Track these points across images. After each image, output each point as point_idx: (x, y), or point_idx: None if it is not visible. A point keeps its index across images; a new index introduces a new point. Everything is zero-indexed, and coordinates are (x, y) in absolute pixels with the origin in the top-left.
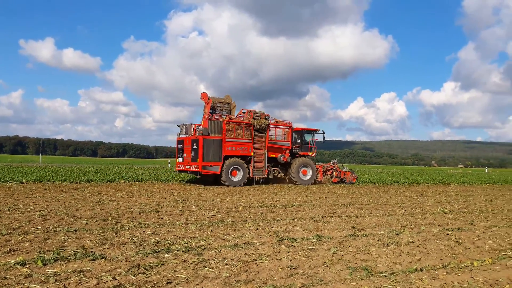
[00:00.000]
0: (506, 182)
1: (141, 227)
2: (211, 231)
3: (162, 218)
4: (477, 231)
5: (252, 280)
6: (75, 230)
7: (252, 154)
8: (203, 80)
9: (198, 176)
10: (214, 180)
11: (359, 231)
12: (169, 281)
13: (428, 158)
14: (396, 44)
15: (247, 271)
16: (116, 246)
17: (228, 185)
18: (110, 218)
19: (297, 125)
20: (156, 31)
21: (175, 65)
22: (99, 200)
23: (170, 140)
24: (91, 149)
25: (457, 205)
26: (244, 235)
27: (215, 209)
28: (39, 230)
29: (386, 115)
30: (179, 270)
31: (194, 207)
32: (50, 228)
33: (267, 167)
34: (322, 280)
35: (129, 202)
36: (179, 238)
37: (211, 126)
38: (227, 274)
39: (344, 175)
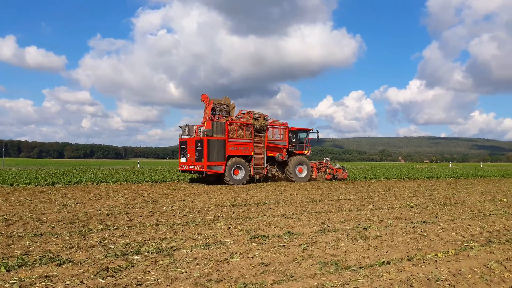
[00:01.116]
0: (468, 176)
1: (110, 229)
2: (182, 231)
3: (131, 220)
4: (441, 224)
5: (224, 279)
6: (41, 235)
7: (252, 154)
8: (172, 78)
9: (203, 176)
10: (217, 179)
11: (329, 226)
12: (139, 283)
13: (395, 154)
14: (364, 43)
15: (218, 270)
16: (84, 250)
17: (232, 184)
18: (77, 221)
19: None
20: (123, 29)
21: (143, 64)
22: (66, 203)
23: (139, 140)
24: (57, 150)
25: (422, 199)
26: (216, 235)
27: (186, 209)
28: (2, 235)
29: (354, 112)
30: (149, 271)
31: (164, 207)
32: (14, 233)
33: (266, 166)
34: (293, 276)
35: (97, 204)
36: (149, 239)
37: (214, 127)
38: (198, 274)
39: (336, 172)
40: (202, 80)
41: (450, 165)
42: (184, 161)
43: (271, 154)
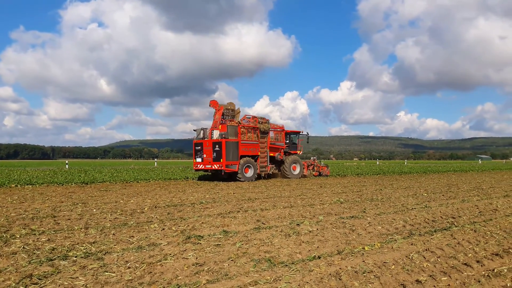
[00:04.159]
0: (393, 172)
1: (35, 234)
2: (113, 234)
3: (58, 224)
4: (368, 218)
5: (156, 281)
6: None
7: (258, 154)
8: (104, 75)
9: (222, 174)
10: (229, 177)
11: (264, 223)
12: None
13: (327, 153)
14: (299, 44)
15: (151, 272)
16: (5, 257)
17: (243, 181)
18: None
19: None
20: (49, 21)
21: (72, 58)
22: None
23: (68, 139)
24: None
25: (351, 195)
26: (149, 236)
27: (118, 211)
28: None
29: (289, 112)
30: (77, 277)
31: (94, 210)
32: None
33: (269, 164)
34: (227, 275)
35: (21, 207)
36: (78, 243)
37: (229, 130)
38: (130, 277)
39: (322, 169)
40: (136, 77)
41: (378, 163)
42: (200, 161)
43: (271, 154)
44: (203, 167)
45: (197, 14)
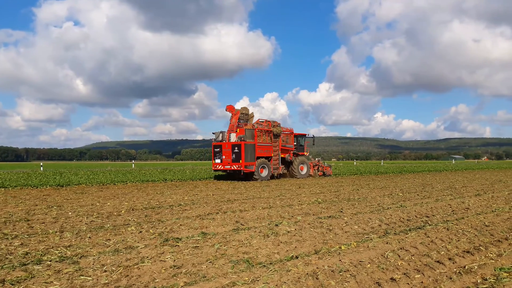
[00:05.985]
0: (370, 173)
1: (7, 238)
2: (89, 237)
3: (32, 227)
4: (345, 218)
5: (133, 284)
6: None
7: (272, 155)
8: (79, 74)
9: (242, 174)
10: (246, 177)
11: (243, 225)
12: None
13: None
14: (278, 46)
15: (128, 276)
16: None
17: (258, 180)
18: None
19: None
20: (22, 19)
21: (46, 58)
22: None
23: (42, 141)
24: None
25: (329, 195)
26: (126, 239)
27: (95, 214)
28: None
29: (269, 114)
30: (52, 281)
31: (70, 213)
32: None
33: (280, 165)
34: (205, 277)
35: None
36: (52, 247)
37: (247, 133)
38: (106, 281)
39: (326, 169)
40: (113, 77)
41: (355, 163)
42: (219, 162)
43: (282, 155)
44: (222, 167)
45: (176, 14)
